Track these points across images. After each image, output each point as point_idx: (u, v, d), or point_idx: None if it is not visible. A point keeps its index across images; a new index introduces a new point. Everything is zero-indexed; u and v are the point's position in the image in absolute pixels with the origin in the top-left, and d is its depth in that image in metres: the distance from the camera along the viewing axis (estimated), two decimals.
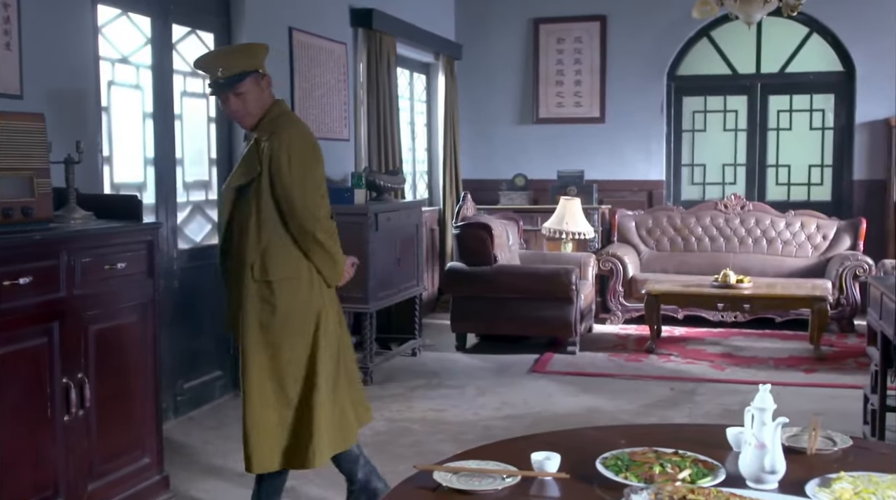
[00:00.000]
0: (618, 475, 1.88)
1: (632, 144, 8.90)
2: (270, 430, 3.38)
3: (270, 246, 3.34)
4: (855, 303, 7.38)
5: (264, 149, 3.33)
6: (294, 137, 3.35)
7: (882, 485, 1.79)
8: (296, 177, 3.31)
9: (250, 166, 3.35)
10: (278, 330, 3.36)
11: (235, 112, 3.40)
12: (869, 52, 8.27)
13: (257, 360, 3.37)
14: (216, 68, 3.34)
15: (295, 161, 3.31)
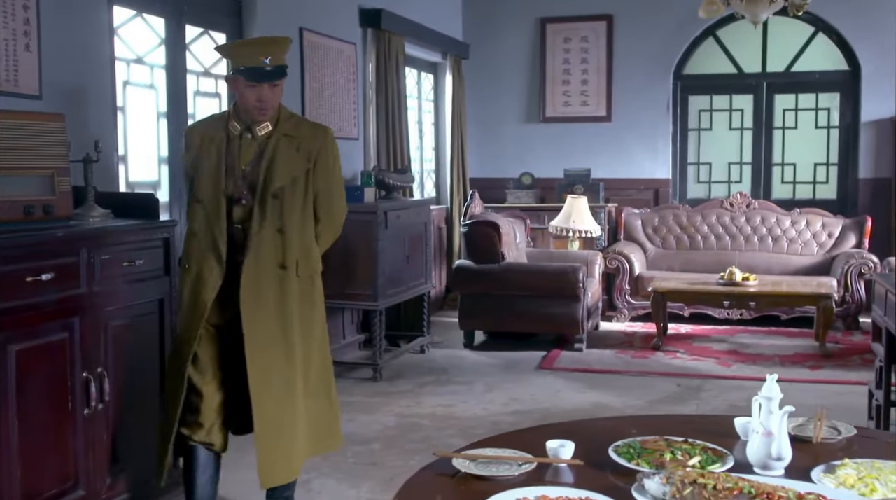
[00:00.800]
0: (630, 461, 1.95)
1: (638, 143, 8.96)
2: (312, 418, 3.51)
3: (311, 243, 3.45)
4: (860, 300, 7.43)
5: (300, 146, 3.37)
6: (332, 134, 3.48)
7: (885, 471, 1.85)
8: (339, 175, 3.49)
9: (295, 165, 3.36)
10: (319, 324, 3.51)
11: (265, 103, 3.32)
12: (874, 51, 8.32)
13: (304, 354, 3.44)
14: (262, 55, 3.29)
15: (338, 159, 3.49)
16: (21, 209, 3.21)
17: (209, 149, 3.38)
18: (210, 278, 3.33)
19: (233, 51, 3.45)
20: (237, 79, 3.32)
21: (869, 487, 1.79)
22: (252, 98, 3.31)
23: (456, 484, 1.79)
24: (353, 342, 6.83)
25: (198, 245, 3.36)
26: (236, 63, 3.32)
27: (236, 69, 3.31)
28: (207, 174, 3.36)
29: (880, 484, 1.79)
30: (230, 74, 3.39)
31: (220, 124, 3.43)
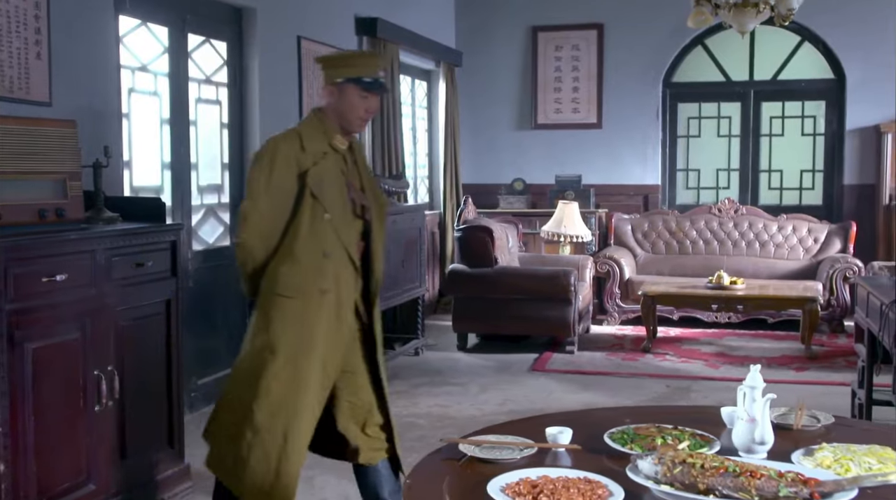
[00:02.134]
0: (624, 446, 2.09)
1: (628, 150, 9.12)
2: None
3: None
4: (845, 304, 7.59)
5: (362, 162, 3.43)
6: None
7: (859, 453, 2.00)
8: None
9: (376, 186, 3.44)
10: None
11: (370, 114, 3.31)
12: (859, 61, 8.50)
13: None
14: (379, 68, 3.34)
15: None
16: (35, 212, 3.33)
17: (326, 164, 3.23)
18: (348, 298, 3.30)
19: (352, 60, 3.34)
20: (347, 87, 3.22)
21: (844, 468, 1.94)
22: (361, 108, 3.24)
23: (462, 467, 1.93)
24: None
25: (332, 265, 3.23)
26: (353, 72, 3.22)
27: (350, 78, 3.21)
28: (336, 191, 3.24)
29: (854, 465, 1.94)
30: (339, 82, 3.23)
31: (320, 138, 3.25)
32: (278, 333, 3.18)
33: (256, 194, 3.20)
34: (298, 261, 3.19)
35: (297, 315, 3.18)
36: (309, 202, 3.18)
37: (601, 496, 1.76)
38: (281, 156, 3.19)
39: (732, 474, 1.76)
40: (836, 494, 1.77)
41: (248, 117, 5.73)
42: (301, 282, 3.19)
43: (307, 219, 3.19)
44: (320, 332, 3.21)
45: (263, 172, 3.18)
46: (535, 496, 1.74)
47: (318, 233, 3.19)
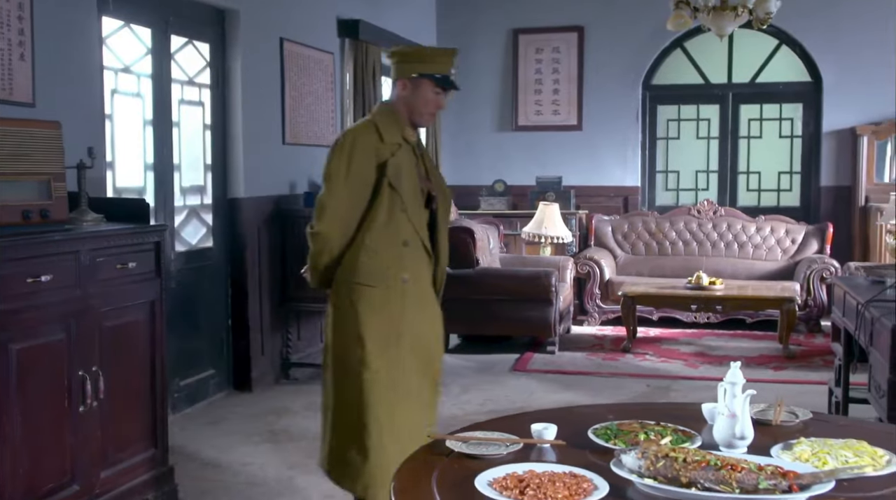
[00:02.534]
0: (607, 442, 2.14)
1: (608, 151, 9.18)
2: None
3: None
4: (822, 304, 7.68)
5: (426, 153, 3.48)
6: None
7: (836, 447, 2.06)
8: None
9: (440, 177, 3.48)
10: None
11: (440, 109, 3.40)
12: (835, 64, 8.61)
13: None
14: (453, 65, 3.38)
15: None
16: (19, 213, 3.32)
17: (401, 156, 3.28)
18: (428, 285, 3.39)
19: (429, 57, 3.36)
20: (422, 82, 3.28)
21: (821, 461, 1.99)
22: (433, 104, 3.33)
23: (449, 463, 1.96)
24: None
25: (410, 254, 3.30)
26: (429, 69, 3.28)
27: (425, 74, 3.28)
28: (410, 181, 3.29)
29: (831, 458, 1.99)
30: (414, 77, 3.29)
31: (395, 130, 3.30)
32: (365, 321, 3.24)
33: (335, 184, 3.23)
34: (377, 251, 3.25)
35: (381, 303, 3.25)
36: (387, 193, 3.23)
37: (586, 490, 1.80)
38: (360, 146, 3.24)
39: (714, 467, 1.81)
40: (813, 486, 1.82)
41: (230, 119, 5.74)
42: (382, 271, 3.25)
43: (385, 209, 3.24)
44: (406, 319, 3.28)
45: (342, 163, 3.23)
46: (522, 489, 1.78)
47: (395, 223, 3.25)
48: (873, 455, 2.04)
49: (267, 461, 4.54)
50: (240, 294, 5.83)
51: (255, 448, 4.74)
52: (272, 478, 4.30)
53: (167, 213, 5.20)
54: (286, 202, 6.23)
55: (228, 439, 4.91)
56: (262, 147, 5.97)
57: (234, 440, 4.88)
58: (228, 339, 5.83)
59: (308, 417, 5.31)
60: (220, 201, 5.73)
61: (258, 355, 5.94)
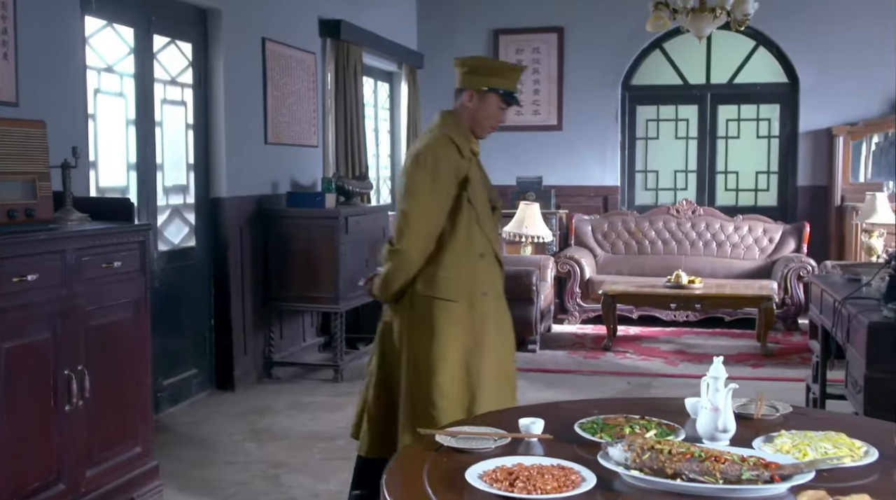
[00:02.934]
0: (594, 435, 2.18)
1: (588, 151, 9.25)
2: None
3: None
4: (799, 302, 7.77)
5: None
6: None
7: (815, 439, 2.11)
8: None
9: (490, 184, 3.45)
10: None
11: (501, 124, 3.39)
12: (812, 65, 8.72)
13: None
14: (519, 82, 3.41)
15: None
16: (5, 213, 3.33)
17: (474, 169, 3.28)
18: (502, 298, 3.38)
19: (501, 72, 3.35)
20: (489, 96, 3.28)
21: (802, 452, 2.04)
22: (496, 118, 3.32)
23: (439, 457, 1.99)
24: (313, 345, 6.98)
25: (486, 266, 3.30)
26: (499, 84, 3.28)
27: (494, 88, 3.27)
28: (481, 194, 3.29)
29: (811, 449, 2.05)
30: (483, 90, 3.28)
31: (465, 142, 3.29)
32: (448, 337, 3.19)
33: (421, 201, 3.18)
34: (458, 265, 3.23)
35: (464, 318, 3.21)
36: (466, 207, 3.21)
37: (574, 482, 1.84)
38: (444, 162, 3.20)
39: (698, 459, 1.85)
40: (794, 476, 1.87)
41: (213, 118, 5.75)
42: (463, 286, 3.22)
43: (464, 223, 3.22)
44: (488, 331, 3.26)
45: (427, 178, 3.17)
46: (512, 482, 1.82)
47: (473, 236, 3.24)
48: (851, 447, 2.10)
49: (251, 459, 4.56)
50: (222, 294, 5.84)
51: (239, 447, 4.75)
52: (257, 476, 4.32)
53: (150, 212, 5.20)
54: (268, 202, 6.25)
55: (212, 437, 4.92)
56: (245, 147, 5.98)
57: (218, 439, 4.89)
58: (211, 338, 5.84)
59: (291, 416, 5.33)
60: (203, 201, 5.74)
61: (241, 354, 5.95)
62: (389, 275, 3.26)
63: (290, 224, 6.14)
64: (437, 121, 3.38)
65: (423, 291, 3.22)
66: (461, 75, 3.34)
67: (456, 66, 3.38)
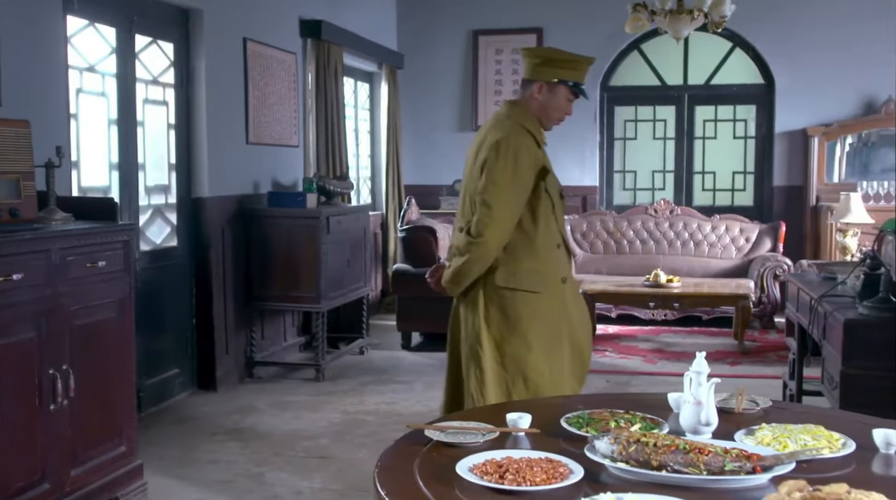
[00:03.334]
0: (580, 429, 2.23)
1: (567, 152, 9.28)
2: None
3: None
4: (775, 301, 7.86)
5: None
6: None
7: (795, 431, 2.18)
8: None
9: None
10: None
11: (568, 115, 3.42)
12: (787, 66, 8.83)
13: None
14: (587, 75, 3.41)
15: None
16: None
17: (546, 160, 3.32)
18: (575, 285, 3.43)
19: (572, 64, 3.34)
20: (559, 88, 3.29)
21: (782, 444, 2.10)
22: (565, 110, 3.35)
23: (429, 451, 2.03)
24: (294, 344, 7.00)
25: (562, 254, 3.35)
26: (570, 76, 3.29)
27: (564, 80, 3.29)
28: (554, 183, 3.33)
29: (791, 442, 2.11)
30: (554, 81, 3.29)
31: (538, 132, 3.33)
32: (531, 328, 3.21)
33: (503, 191, 3.17)
34: (538, 255, 3.24)
35: (546, 309, 3.23)
36: (543, 197, 3.24)
37: (563, 474, 1.88)
38: (524, 153, 3.20)
39: (682, 451, 1.90)
40: (775, 467, 1.92)
41: (194, 118, 5.75)
42: (545, 276, 3.25)
43: (542, 213, 3.24)
44: (571, 319, 3.30)
45: (508, 169, 3.17)
46: (502, 474, 1.86)
47: (550, 227, 3.27)
48: (829, 439, 2.16)
49: (235, 458, 4.57)
50: (204, 293, 5.84)
51: (223, 446, 4.77)
52: (241, 475, 4.33)
53: (132, 212, 5.20)
54: (250, 202, 6.26)
55: (195, 437, 4.93)
56: (226, 147, 5.99)
57: (201, 439, 4.90)
58: (193, 338, 5.84)
59: (274, 415, 5.35)
60: (185, 201, 5.74)
61: (223, 354, 5.96)
62: (466, 266, 3.23)
63: (272, 224, 6.15)
64: (506, 111, 3.39)
65: (504, 283, 3.22)
66: (531, 66, 3.33)
67: (525, 57, 3.40)
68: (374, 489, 1.87)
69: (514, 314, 3.21)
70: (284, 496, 4.08)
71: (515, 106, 3.36)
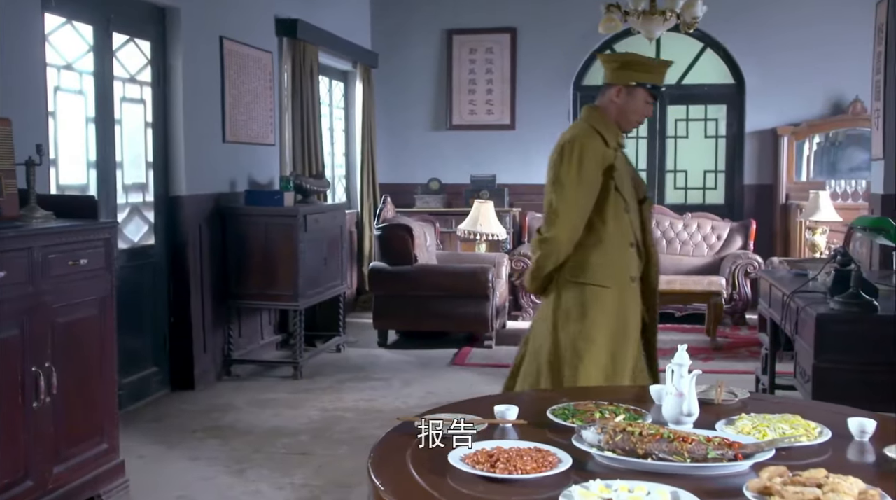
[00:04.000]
0: (566, 420, 2.29)
1: (541, 150, 9.23)
2: None
3: None
4: (746, 298, 7.98)
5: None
6: None
7: (773, 420, 2.25)
8: None
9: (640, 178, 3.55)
10: None
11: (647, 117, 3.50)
12: (757, 67, 8.97)
13: None
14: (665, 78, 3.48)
15: None
16: None
17: (620, 159, 3.39)
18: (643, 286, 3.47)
19: (650, 67, 3.45)
20: (637, 90, 3.37)
21: (761, 433, 2.18)
22: (643, 113, 3.44)
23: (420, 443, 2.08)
24: (271, 343, 7.01)
25: (633, 253, 3.39)
26: (648, 79, 3.37)
27: (642, 83, 3.37)
28: (629, 184, 3.40)
29: (770, 430, 2.19)
30: (632, 85, 3.37)
31: (612, 135, 3.40)
32: (597, 322, 3.29)
33: (568, 189, 3.28)
34: (607, 252, 3.33)
35: (614, 304, 3.32)
36: (613, 196, 3.31)
37: (552, 463, 1.94)
38: (589, 152, 3.29)
39: (667, 440, 1.97)
40: (756, 454, 1.99)
41: (171, 117, 5.75)
42: (614, 272, 3.33)
43: (612, 211, 3.32)
44: (633, 318, 3.38)
45: (573, 168, 3.27)
46: (493, 463, 1.91)
47: (621, 225, 3.34)
48: (807, 427, 2.23)
49: (216, 455, 4.59)
50: (181, 292, 5.84)
51: (203, 444, 4.78)
52: (222, 472, 4.35)
53: (109, 210, 5.19)
54: (226, 200, 6.26)
55: (175, 435, 4.94)
56: (203, 145, 5.99)
57: (181, 436, 4.91)
58: (170, 336, 5.83)
59: (253, 413, 5.36)
60: (162, 199, 5.74)
61: (200, 352, 5.96)
62: (539, 263, 3.37)
63: (249, 222, 6.16)
64: (583, 114, 3.51)
65: (574, 277, 3.34)
66: (609, 71, 3.44)
67: (603, 63, 3.50)
68: (369, 479, 1.92)
69: (581, 307, 3.31)
70: (266, 492, 4.11)
71: (593, 110, 3.47)
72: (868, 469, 2.04)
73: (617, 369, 3.33)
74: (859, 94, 8.48)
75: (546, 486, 1.85)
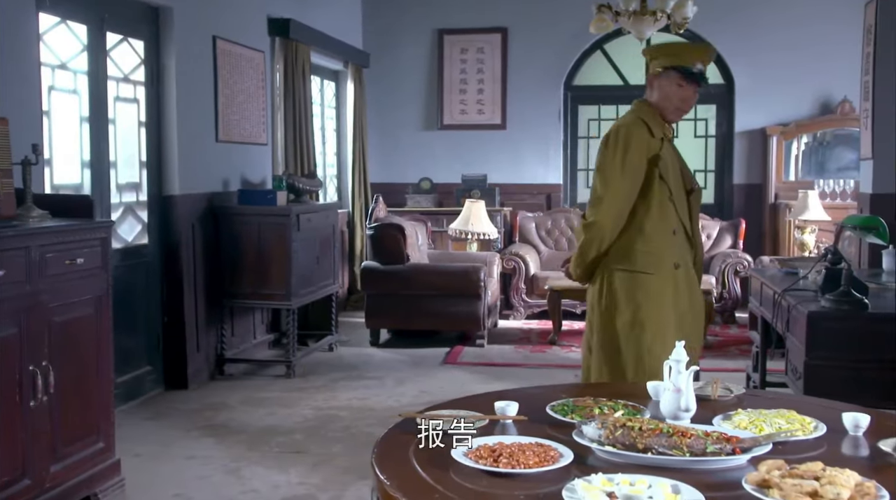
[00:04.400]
0: (565, 416, 2.32)
1: (531, 150, 9.42)
2: None
3: None
4: (736, 297, 8.04)
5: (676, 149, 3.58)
6: None
7: (769, 416, 2.30)
8: None
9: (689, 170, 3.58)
10: None
11: (687, 104, 3.49)
12: (747, 67, 9.03)
13: None
14: (696, 60, 3.47)
15: None
16: None
17: (666, 150, 3.44)
18: (692, 272, 3.50)
19: (673, 50, 3.54)
20: (668, 75, 3.42)
21: (758, 428, 2.21)
22: (676, 98, 3.44)
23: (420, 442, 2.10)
24: (264, 342, 7.02)
25: (678, 241, 3.44)
26: (672, 61, 3.42)
27: (669, 66, 3.42)
28: (675, 173, 3.45)
29: (766, 425, 2.23)
30: (660, 71, 3.44)
31: (658, 126, 3.45)
32: (646, 308, 3.35)
33: (612, 176, 3.35)
34: (651, 239, 3.37)
35: (659, 290, 3.36)
36: (657, 184, 3.37)
37: (553, 458, 1.97)
38: (634, 140, 3.36)
39: (666, 434, 2.01)
40: (754, 448, 2.03)
41: (165, 116, 5.76)
42: (658, 259, 3.37)
43: (657, 199, 3.37)
44: (681, 304, 3.41)
45: (618, 155, 3.35)
46: (496, 458, 1.94)
47: (665, 212, 3.39)
48: (802, 422, 2.27)
49: (211, 454, 4.60)
50: (175, 291, 5.85)
51: (198, 442, 4.79)
52: (218, 470, 4.37)
53: (103, 210, 5.19)
54: (219, 199, 6.27)
55: (169, 434, 4.95)
56: (196, 145, 6.00)
57: (176, 435, 4.92)
58: (163, 336, 5.84)
59: (246, 412, 5.38)
60: (156, 198, 5.75)
61: (193, 351, 5.96)
62: (583, 248, 3.43)
63: (242, 222, 6.18)
64: (631, 107, 3.57)
65: (618, 264, 3.39)
66: (647, 64, 3.52)
67: (645, 58, 3.57)
68: (374, 475, 1.94)
69: (627, 294, 3.37)
70: (262, 490, 4.12)
71: (641, 103, 3.55)
72: (863, 462, 2.08)
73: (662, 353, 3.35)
74: (847, 94, 8.56)
75: (548, 480, 1.88)
